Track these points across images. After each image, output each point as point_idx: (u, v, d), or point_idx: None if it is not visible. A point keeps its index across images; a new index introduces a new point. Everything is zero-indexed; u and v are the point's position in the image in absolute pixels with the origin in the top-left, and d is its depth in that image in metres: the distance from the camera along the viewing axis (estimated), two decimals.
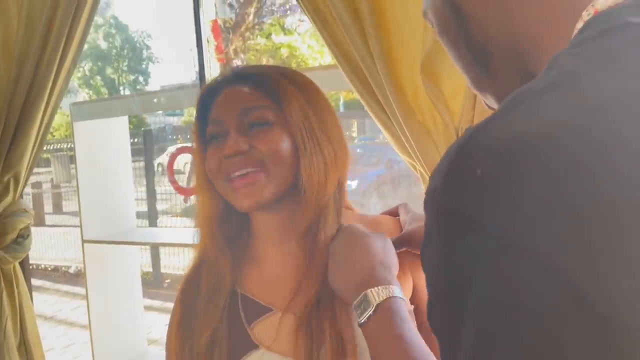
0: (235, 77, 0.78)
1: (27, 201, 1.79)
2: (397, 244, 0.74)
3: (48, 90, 1.61)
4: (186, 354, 0.76)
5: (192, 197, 0.81)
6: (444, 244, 0.32)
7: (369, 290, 0.63)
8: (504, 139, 0.31)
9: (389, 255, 0.70)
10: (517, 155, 0.30)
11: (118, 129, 2.25)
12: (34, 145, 1.67)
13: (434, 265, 0.34)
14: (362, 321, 0.62)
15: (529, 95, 0.33)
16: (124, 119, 2.29)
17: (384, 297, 0.62)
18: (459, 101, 1.09)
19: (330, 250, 0.71)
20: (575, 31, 0.37)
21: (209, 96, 0.78)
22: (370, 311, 0.62)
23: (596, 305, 0.26)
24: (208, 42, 1.61)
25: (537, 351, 0.27)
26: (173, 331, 0.79)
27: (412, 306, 0.76)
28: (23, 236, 1.71)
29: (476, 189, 0.30)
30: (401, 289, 0.64)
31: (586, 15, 0.37)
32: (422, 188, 1.14)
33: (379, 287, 0.63)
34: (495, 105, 0.49)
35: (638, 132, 0.29)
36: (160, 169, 8.04)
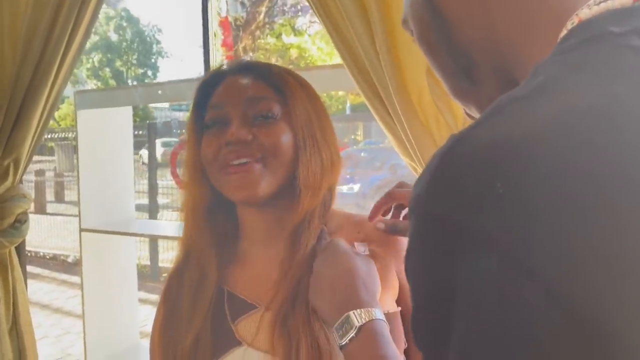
0: (241, 68, 0.77)
1: (29, 188, 1.78)
2: (384, 199, 0.75)
3: (53, 75, 1.60)
4: (170, 356, 0.74)
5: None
6: (427, 251, 0.32)
7: (351, 312, 0.62)
8: (488, 143, 0.30)
9: (373, 278, 0.69)
10: (500, 158, 0.29)
11: (122, 119, 2.25)
12: (35, 131, 1.67)
13: (417, 274, 0.34)
14: (344, 343, 0.61)
15: (512, 101, 0.33)
16: (128, 110, 2.28)
17: (367, 320, 0.61)
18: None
19: (314, 268, 0.70)
20: (559, 40, 0.37)
21: (210, 84, 0.77)
22: (352, 333, 0.61)
23: (576, 308, 0.26)
24: (215, 35, 1.60)
25: (520, 355, 0.27)
26: (156, 333, 0.78)
27: (399, 308, 0.75)
28: (20, 221, 1.71)
29: (460, 194, 0.30)
30: (382, 313, 0.64)
31: (570, 24, 0.36)
32: None
33: (362, 309, 0.62)
34: (477, 115, 0.48)
35: (623, 136, 0.28)
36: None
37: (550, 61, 0.35)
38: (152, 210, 6.34)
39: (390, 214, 0.80)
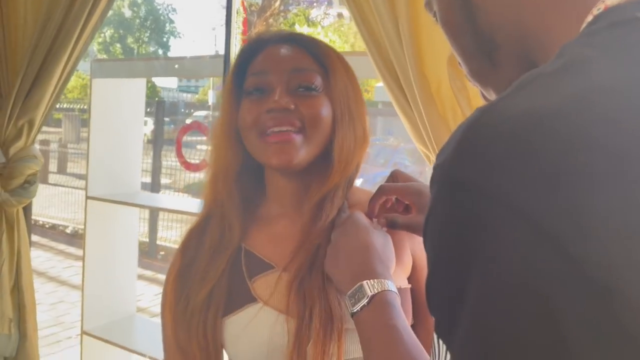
0: (283, 37, 0.78)
1: (39, 152, 1.80)
2: (378, 195, 0.77)
3: (73, 42, 1.61)
4: (180, 307, 0.76)
5: (198, 173, 0.81)
6: (449, 214, 0.33)
7: (364, 282, 0.64)
8: (514, 115, 0.31)
9: (388, 252, 0.71)
10: (525, 129, 0.30)
11: (135, 91, 2.26)
12: (52, 94, 1.68)
13: (437, 238, 0.35)
14: (355, 310, 0.63)
15: (538, 76, 0.34)
16: (142, 83, 2.29)
17: (379, 290, 0.63)
18: (481, 99, 1.09)
19: (333, 238, 0.72)
20: (585, 24, 0.38)
21: (251, 50, 0.78)
22: (364, 301, 0.63)
23: (592, 272, 0.27)
24: (237, 13, 1.61)
25: (535, 316, 0.28)
26: (170, 283, 0.79)
27: (410, 285, 0.77)
28: (30, 182, 1.73)
29: (485, 162, 0.31)
30: (395, 286, 0.65)
31: (596, 10, 0.37)
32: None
33: (375, 280, 0.64)
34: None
35: None
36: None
37: (577, 42, 0.36)
38: (155, 189, 6.36)
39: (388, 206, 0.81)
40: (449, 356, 0.33)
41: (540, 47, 0.42)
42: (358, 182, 0.89)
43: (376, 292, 0.63)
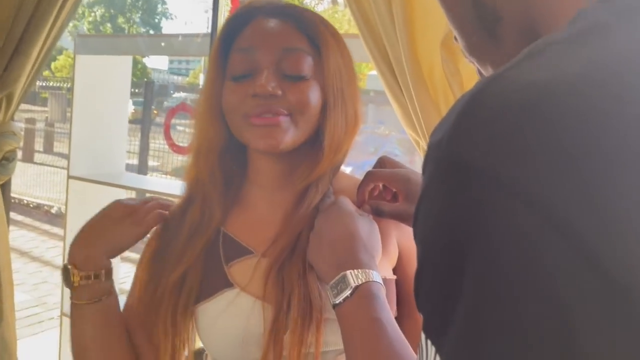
0: (274, 9, 0.72)
1: (19, 129, 1.74)
2: (366, 180, 0.74)
3: (54, 14, 1.55)
4: (150, 289, 0.72)
5: (187, 156, 0.77)
6: (446, 197, 0.29)
7: (348, 272, 0.60)
8: (523, 85, 0.27)
9: (374, 240, 0.67)
10: (536, 102, 0.26)
11: (121, 69, 2.20)
12: (32, 68, 1.62)
13: (431, 224, 0.31)
14: (338, 302, 0.60)
15: (552, 43, 0.30)
16: (128, 61, 2.23)
17: (364, 280, 0.60)
18: (473, 83, 1.06)
19: (316, 225, 0.69)
20: None
21: (238, 20, 0.72)
22: (347, 292, 0.59)
23: (611, 270, 0.24)
24: None
25: (541, 315, 0.25)
26: (144, 264, 0.76)
27: (395, 277, 0.74)
28: (8, 159, 1.67)
29: (489, 139, 0.27)
30: (380, 276, 0.62)
31: None
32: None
33: (359, 270, 0.61)
34: None
35: None
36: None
37: (595, 7, 0.32)
38: (142, 171, 6.30)
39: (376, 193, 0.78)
40: (438, 358, 0.29)
41: (545, 23, 0.39)
42: (347, 170, 0.85)
43: (360, 282, 0.59)
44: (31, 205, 6.80)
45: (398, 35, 1.10)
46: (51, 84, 10.21)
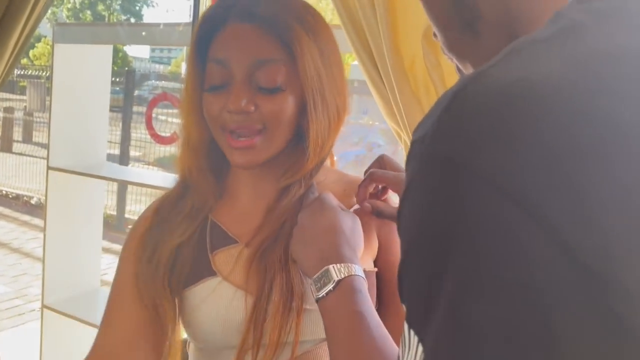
0: (247, 13, 0.70)
1: None
2: (368, 180, 0.75)
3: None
4: (146, 255, 0.73)
5: (169, 146, 0.78)
6: (429, 193, 0.30)
7: (331, 266, 0.61)
8: (506, 84, 0.28)
9: (356, 235, 0.68)
10: (518, 99, 0.27)
11: (101, 58, 2.16)
12: (10, 56, 1.59)
13: (415, 218, 0.31)
14: (320, 296, 0.61)
15: (532, 42, 0.31)
16: (108, 50, 2.20)
17: (346, 274, 0.61)
18: (455, 77, 1.07)
19: (299, 219, 0.69)
20: None
21: (211, 23, 0.72)
22: (330, 286, 0.60)
23: (589, 261, 0.25)
24: None
25: (520, 304, 0.26)
26: (139, 236, 0.75)
27: (376, 269, 0.75)
28: None
29: (472, 134, 0.28)
30: (362, 270, 0.63)
31: None
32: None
33: (342, 264, 0.61)
34: None
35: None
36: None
37: (573, 8, 0.33)
38: (123, 161, 6.22)
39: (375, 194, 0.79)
40: (420, 348, 0.30)
41: (525, 21, 0.40)
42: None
43: (343, 277, 0.60)
44: (10, 196, 6.69)
45: (380, 27, 1.10)
46: (30, 72, 10.00)
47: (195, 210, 0.75)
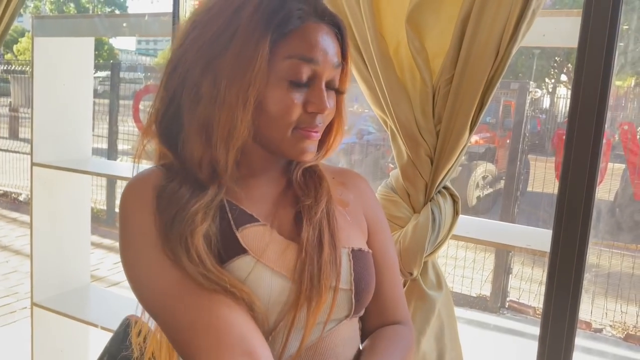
0: (330, 18, 0.72)
1: None
2: None
3: None
4: (184, 259, 0.64)
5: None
6: None
7: None
8: None
9: None
10: None
11: (82, 51, 2.12)
12: None
13: None
14: None
15: None
16: (90, 42, 2.16)
17: None
18: (440, 60, 1.06)
19: None
20: None
21: (286, 17, 0.67)
22: None
23: None
24: None
25: None
26: (151, 240, 0.67)
27: (370, 250, 0.79)
28: None
29: None
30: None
31: None
32: (388, 159, 1.12)
33: None
34: None
35: None
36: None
37: None
38: (111, 155, 6.16)
39: None
40: None
41: None
42: None
43: None
44: None
45: (362, 12, 1.08)
46: (13, 67, 9.85)
47: (211, 196, 0.69)
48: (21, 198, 6.45)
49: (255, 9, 0.67)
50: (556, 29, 1.12)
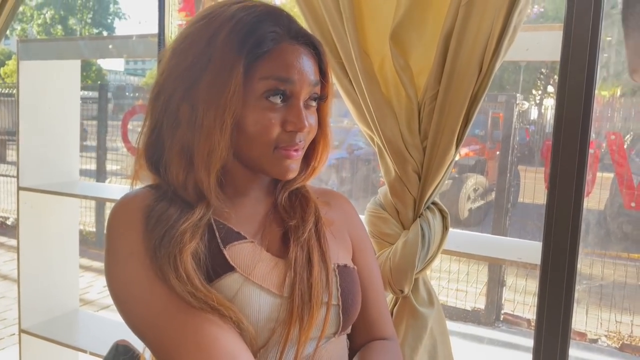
0: (305, 38, 0.73)
1: None
2: None
3: None
4: (172, 277, 0.64)
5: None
6: None
7: None
8: None
9: None
10: None
11: (68, 74, 2.12)
12: None
13: None
14: None
15: None
16: (76, 65, 2.15)
17: None
18: (424, 77, 1.06)
19: None
20: None
21: (259, 38, 0.68)
22: None
23: None
24: None
25: None
26: (139, 260, 0.66)
27: (355, 267, 0.81)
28: None
29: None
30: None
31: None
32: (379, 173, 1.12)
33: None
34: None
35: None
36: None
37: None
38: (100, 176, 6.12)
39: None
40: None
41: None
42: None
43: None
44: None
45: (346, 29, 1.08)
46: (1, 90, 9.82)
47: (199, 215, 0.70)
48: (8, 222, 6.38)
49: (228, 34, 0.67)
50: (539, 44, 1.13)
